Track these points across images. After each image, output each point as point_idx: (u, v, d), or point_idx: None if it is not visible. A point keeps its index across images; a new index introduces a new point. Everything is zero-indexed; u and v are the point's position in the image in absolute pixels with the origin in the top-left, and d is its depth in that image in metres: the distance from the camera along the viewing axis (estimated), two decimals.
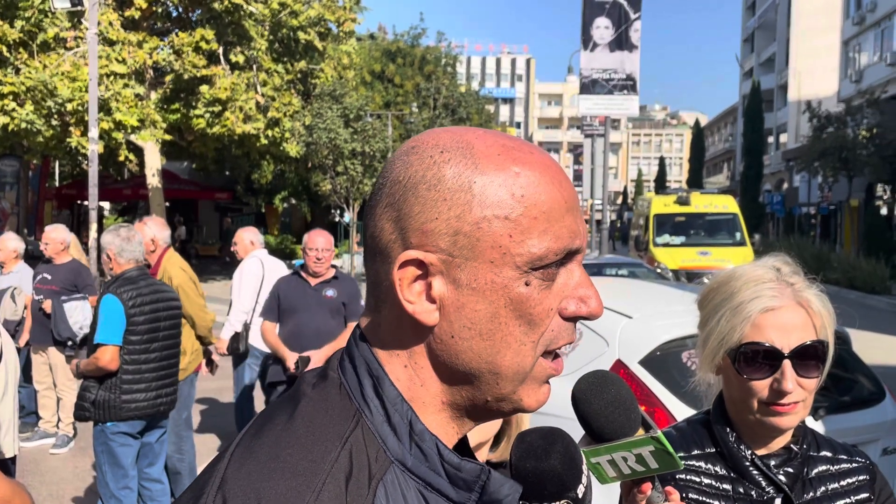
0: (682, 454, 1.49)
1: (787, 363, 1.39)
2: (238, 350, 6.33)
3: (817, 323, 1.41)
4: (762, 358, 1.41)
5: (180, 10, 21.33)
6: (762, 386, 1.41)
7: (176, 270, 5.56)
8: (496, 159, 0.76)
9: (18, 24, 17.89)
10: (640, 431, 0.97)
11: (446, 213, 0.74)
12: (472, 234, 0.74)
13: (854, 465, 1.48)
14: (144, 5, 19.00)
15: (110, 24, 18.38)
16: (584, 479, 0.87)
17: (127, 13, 19.09)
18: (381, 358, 0.79)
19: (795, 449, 1.45)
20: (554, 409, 1.25)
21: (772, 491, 1.43)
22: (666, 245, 18.17)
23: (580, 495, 0.86)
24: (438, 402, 0.79)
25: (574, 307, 0.78)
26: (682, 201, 19.08)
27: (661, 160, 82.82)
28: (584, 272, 0.80)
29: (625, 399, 0.95)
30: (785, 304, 1.41)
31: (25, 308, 7.02)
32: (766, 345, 1.40)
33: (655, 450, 0.97)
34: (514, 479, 0.87)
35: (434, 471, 0.76)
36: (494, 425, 1.59)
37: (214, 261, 29.89)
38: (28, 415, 7.47)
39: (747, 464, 1.45)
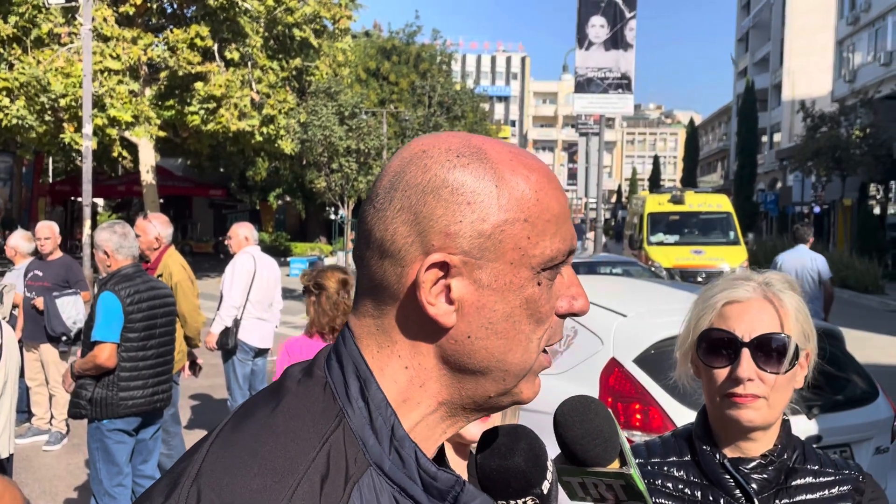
0: (658, 460, 1.51)
1: (745, 351, 1.40)
2: (227, 345, 6.33)
3: (785, 320, 1.42)
4: (722, 346, 1.43)
5: (175, 6, 21.28)
6: (721, 374, 1.43)
7: (177, 268, 5.60)
8: (510, 164, 0.79)
9: (12, 19, 17.83)
10: (616, 464, 0.97)
11: (470, 215, 0.76)
12: (495, 235, 0.77)
13: (839, 476, 1.47)
14: (139, 1, 18.96)
15: (104, 20, 18.34)
16: (549, 476, 0.88)
17: (121, 9, 19.05)
18: (376, 360, 0.79)
19: (773, 456, 1.44)
20: (542, 405, 1.25)
21: (742, 498, 1.43)
22: (660, 243, 18.18)
23: (545, 491, 0.87)
24: (434, 401, 0.79)
25: (567, 305, 0.82)
26: (677, 200, 19.10)
27: (656, 159, 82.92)
28: (573, 271, 0.84)
29: (604, 431, 0.96)
30: (752, 298, 1.44)
31: (17, 307, 6.99)
32: (726, 331, 1.43)
33: (626, 485, 0.98)
34: (479, 476, 0.88)
35: (410, 477, 0.76)
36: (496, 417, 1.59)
37: (208, 258, 29.81)
38: (20, 412, 7.44)
39: (719, 469, 1.45)
